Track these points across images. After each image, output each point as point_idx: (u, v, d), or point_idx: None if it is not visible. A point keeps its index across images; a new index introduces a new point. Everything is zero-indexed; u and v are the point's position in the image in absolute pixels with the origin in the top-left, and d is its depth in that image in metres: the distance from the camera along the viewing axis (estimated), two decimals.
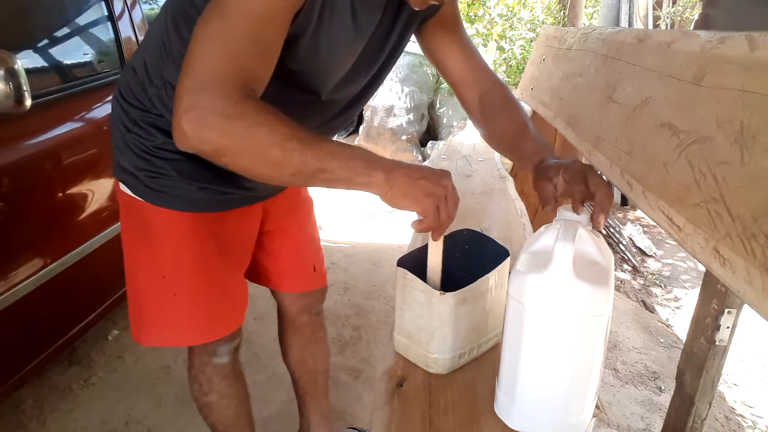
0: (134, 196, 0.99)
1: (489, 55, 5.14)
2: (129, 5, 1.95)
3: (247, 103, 0.67)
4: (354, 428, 1.68)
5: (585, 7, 3.88)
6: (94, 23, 1.82)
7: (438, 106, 4.98)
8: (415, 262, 0.91)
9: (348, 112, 1.03)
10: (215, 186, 0.98)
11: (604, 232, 3.61)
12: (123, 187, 1.01)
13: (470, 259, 1.00)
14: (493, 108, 1.03)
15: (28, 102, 1.28)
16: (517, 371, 0.76)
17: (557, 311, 0.71)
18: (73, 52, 1.75)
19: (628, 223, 3.96)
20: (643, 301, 2.99)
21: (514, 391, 0.77)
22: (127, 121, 0.97)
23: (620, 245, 3.51)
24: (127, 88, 0.98)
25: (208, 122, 0.66)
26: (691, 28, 3.96)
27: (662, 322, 2.72)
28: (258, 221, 1.17)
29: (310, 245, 1.33)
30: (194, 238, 1.03)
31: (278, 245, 1.26)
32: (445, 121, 4.92)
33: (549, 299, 0.71)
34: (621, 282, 3.12)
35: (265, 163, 0.69)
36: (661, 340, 2.42)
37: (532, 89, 2.00)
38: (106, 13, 1.84)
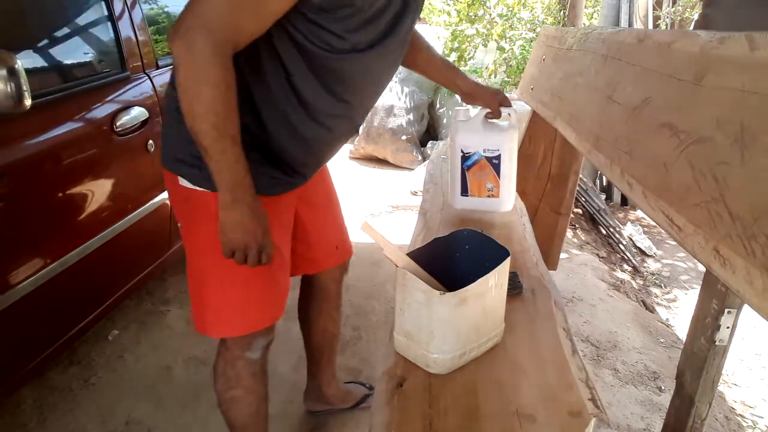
0: (194, 187, 1.02)
1: (489, 55, 5.14)
2: (129, 5, 1.95)
3: (219, 61, 0.83)
4: (355, 382, 1.77)
5: (585, 7, 3.88)
6: (94, 23, 1.82)
7: (438, 106, 4.97)
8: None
9: (399, 59, 1.12)
10: (264, 168, 1.02)
11: (605, 232, 3.61)
12: (182, 182, 1.03)
13: (470, 259, 1.00)
14: (418, 49, 1.32)
15: (28, 102, 1.28)
16: None
17: None
18: (73, 52, 1.75)
19: (628, 223, 3.95)
20: (643, 301, 2.98)
21: None
22: None
23: (620, 245, 3.51)
24: None
25: (189, 55, 0.82)
26: (691, 28, 3.96)
27: (662, 322, 2.72)
28: (294, 209, 1.20)
29: (335, 221, 1.39)
30: None
31: (309, 229, 1.30)
32: (445, 121, 4.90)
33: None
34: (621, 282, 3.12)
35: (189, 109, 0.85)
36: (661, 340, 2.41)
37: (532, 89, 2.00)
38: (106, 13, 1.84)
